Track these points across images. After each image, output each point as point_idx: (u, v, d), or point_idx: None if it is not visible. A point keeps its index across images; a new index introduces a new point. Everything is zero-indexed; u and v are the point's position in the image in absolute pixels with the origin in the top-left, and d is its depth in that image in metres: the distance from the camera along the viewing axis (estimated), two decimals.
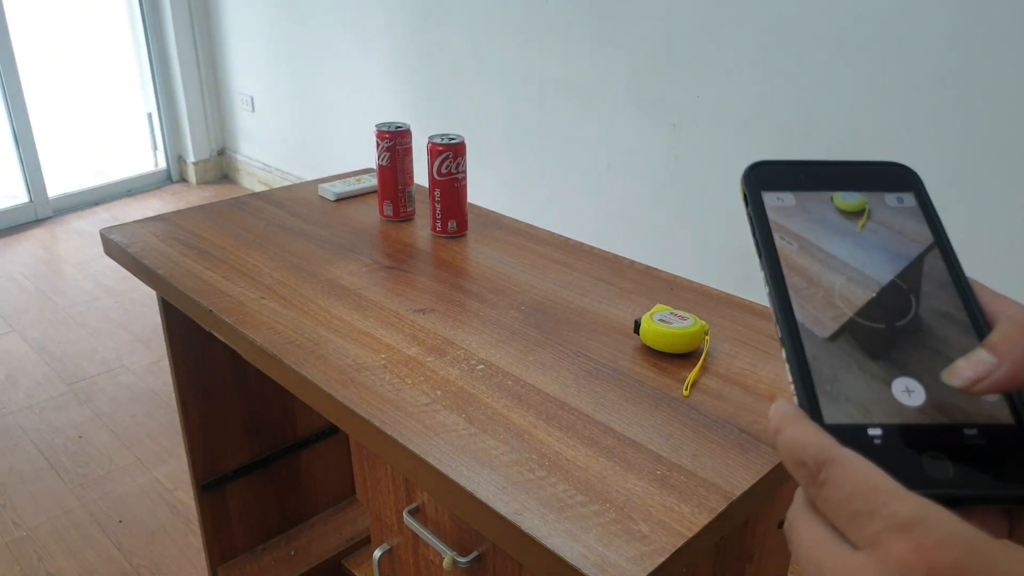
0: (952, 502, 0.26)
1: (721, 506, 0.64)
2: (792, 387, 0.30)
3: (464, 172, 1.16)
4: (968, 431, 0.28)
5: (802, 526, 0.27)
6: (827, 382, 0.29)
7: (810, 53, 1.81)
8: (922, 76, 1.65)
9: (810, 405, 0.29)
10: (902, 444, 0.28)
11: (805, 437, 0.27)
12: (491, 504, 0.64)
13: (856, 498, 0.25)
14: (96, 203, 3.71)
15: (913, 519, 0.23)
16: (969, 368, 0.28)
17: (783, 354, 0.31)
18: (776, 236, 0.33)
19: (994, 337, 0.28)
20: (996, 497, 0.27)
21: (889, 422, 0.28)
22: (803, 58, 1.82)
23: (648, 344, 0.86)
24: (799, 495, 0.28)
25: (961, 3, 1.57)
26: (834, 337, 0.30)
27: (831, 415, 0.28)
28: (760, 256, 0.33)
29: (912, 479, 0.26)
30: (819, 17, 1.77)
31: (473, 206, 1.26)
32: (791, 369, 0.30)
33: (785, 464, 0.28)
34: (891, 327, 0.31)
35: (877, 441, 0.28)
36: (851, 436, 0.28)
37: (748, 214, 0.34)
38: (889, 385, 0.29)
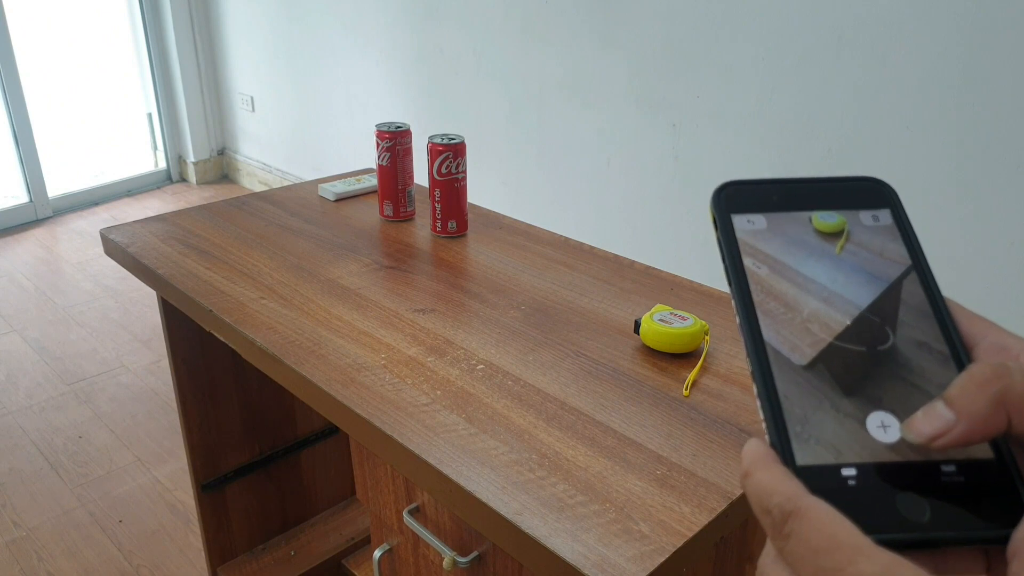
0: (929, 544, 0.25)
1: (721, 506, 0.64)
2: (764, 426, 0.28)
3: (464, 172, 1.16)
4: (946, 468, 0.27)
5: None
6: (799, 419, 0.28)
7: (810, 53, 1.81)
8: (922, 76, 1.65)
9: (781, 445, 0.27)
10: (877, 484, 0.26)
11: (772, 484, 0.26)
12: (491, 504, 0.64)
13: (821, 554, 0.24)
14: (96, 203, 3.71)
15: None
16: (927, 424, 0.26)
17: (754, 389, 0.29)
18: (747, 261, 0.32)
19: (953, 391, 0.26)
20: (974, 539, 0.26)
21: (864, 461, 0.27)
22: (803, 58, 1.82)
23: (648, 344, 0.86)
24: (770, 544, 0.27)
25: (962, 3, 1.57)
26: (810, 365, 0.29)
27: (803, 455, 0.27)
28: (730, 283, 0.31)
29: (887, 521, 0.25)
30: (819, 17, 1.77)
31: (473, 206, 1.26)
32: (762, 406, 0.29)
33: (753, 510, 0.27)
34: (870, 354, 0.29)
35: (851, 482, 0.26)
36: (824, 478, 0.26)
37: (717, 239, 0.33)
38: (864, 420, 0.28)
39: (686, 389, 0.80)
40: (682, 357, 0.86)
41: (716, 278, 1.18)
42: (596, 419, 0.75)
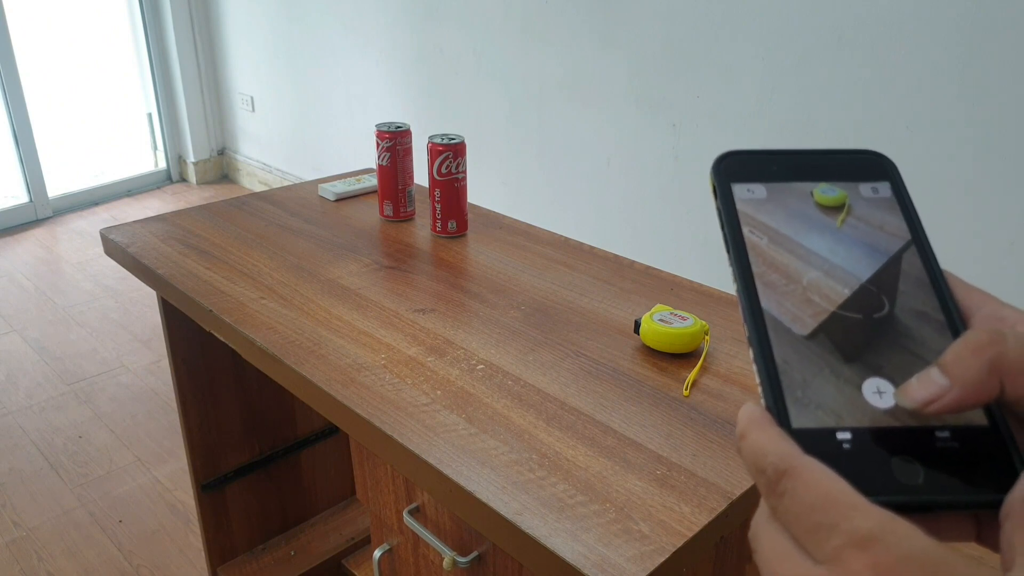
0: (922, 508, 0.25)
1: (721, 506, 0.64)
2: (760, 389, 0.29)
3: (464, 172, 1.16)
4: (940, 434, 0.27)
5: (765, 536, 0.26)
6: (796, 383, 0.28)
7: (810, 53, 1.81)
8: (922, 75, 1.65)
9: (777, 408, 0.28)
10: (872, 448, 0.27)
11: (767, 444, 0.26)
12: (491, 504, 0.64)
13: (816, 511, 0.24)
14: (96, 203, 3.71)
15: (873, 535, 0.23)
16: (921, 389, 0.27)
17: (750, 354, 0.29)
18: (746, 230, 0.32)
19: (947, 357, 0.26)
20: (966, 503, 0.26)
21: (859, 425, 0.27)
22: (803, 58, 1.82)
23: (648, 344, 0.86)
24: (763, 504, 0.27)
25: (962, 3, 1.57)
26: (810, 335, 0.29)
27: (799, 418, 0.27)
28: (728, 251, 0.32)
29: (881, 484, 0.25)
30: (819, 17, 1.77)
31: (473, 206, 1.26)
32: (758, 370, 0.29)
33: (748, 471, 0.27)
34: (867, 324, 0.30)
35: (846, 445, 0.27)
36: (819, 441, 0.26)
37: (717, 207, 0.33)
38: (860, 386, 0.28)
39: (686, 389, 0.80)
40: (682, 357, 0.86)
41: (716, 278, 1.18)
42: (596, 419, 0.75)
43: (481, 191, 2.56)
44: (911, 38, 1.65)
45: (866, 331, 0.30)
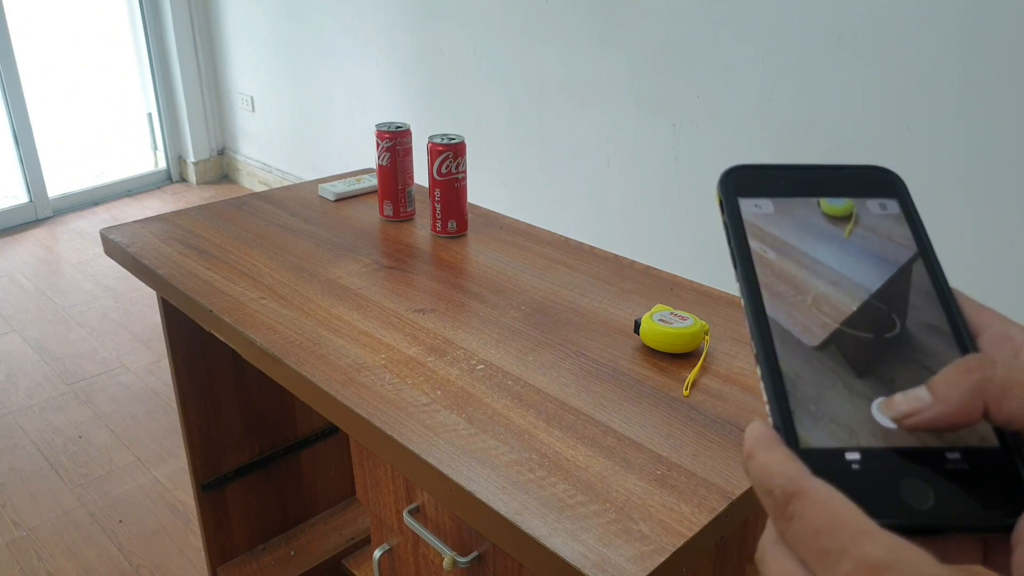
0: (931, 531, 0.25)
1: (721, 506, 0.64)
2: (767, 407, 0.28)
3: (464, 172, 1.16)
4: (950, 455, 0.27)
5: (772, 559, 0.26)
6: (803, 402, 0.28)
7: (810, 53, 1.81)
8: (922, 76, 1.65)
9: (785, 427, 0.27)
10: (881, 469, 0.26)
11: (774, 465, 0.26)
12: (491, 504, 0.64)
13: (824, 535, 0.24)
14: (96, 203, 3.71)
15: (882, 562, 0.22)
16: (904, 403, 0.27)
17: (758, 372, 0.29)
18: (754, 244, 0.31)
19: (936, 378, 0.27)
20: (977, 527, 0.26)
21: (868, 445, 0.27)
22: (803, 58, 1.82)
23: (648, 344, 0.86)
24: (770, 526, 0.26)
25: (962, 3, 1.57)
26: (820, 348, 0.29)
27: (807, 438, 0.27)
28: (735, 267, 0.31)
29: (890, 507, 0.25)
30: (819, 17, 1.77)
31: (473, 206, 1.26)
32: (766, 388, 0.28)
33: (756, 492, 0.27)
34: (877, 339, 0.29)
35: (855, 466, 0.26)
36: (827, 461, 0.26)
37: (724, 222, 0.32)
38: (869, 405, 0.28)
39: (686, 389, 0.80)
40: (682, 357, 0.86)
41: (716, 278, 1.18)
42: (596, 419, 0.75)
43: (481, 191, 2.56)
44: (911, 38, 1.65)
45: (877, 347, 0.29)
